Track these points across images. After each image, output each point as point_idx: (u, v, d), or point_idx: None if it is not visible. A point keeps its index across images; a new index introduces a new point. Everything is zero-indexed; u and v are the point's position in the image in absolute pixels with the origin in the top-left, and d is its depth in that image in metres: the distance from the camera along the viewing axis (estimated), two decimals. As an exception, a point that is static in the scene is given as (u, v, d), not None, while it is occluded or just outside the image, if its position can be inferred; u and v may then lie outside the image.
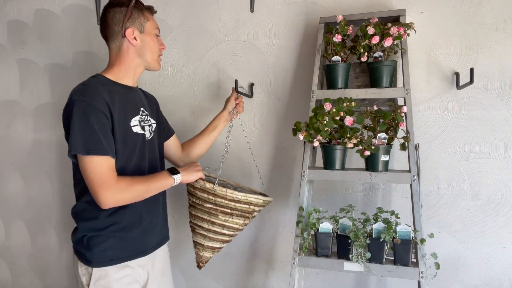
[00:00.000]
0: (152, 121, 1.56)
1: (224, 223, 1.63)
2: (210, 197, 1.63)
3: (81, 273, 1.40)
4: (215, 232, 1.65)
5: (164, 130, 1.68)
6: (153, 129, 1.54)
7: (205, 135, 1.76)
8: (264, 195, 1.75)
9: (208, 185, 1.59)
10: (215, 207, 1.60)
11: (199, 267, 1.72)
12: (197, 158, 1.77)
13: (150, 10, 1.50)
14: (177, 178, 1.44)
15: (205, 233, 1.66)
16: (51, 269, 2.44)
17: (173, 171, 1.45)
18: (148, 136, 1.50)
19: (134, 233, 1.45)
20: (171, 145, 1.73)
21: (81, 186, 1.40)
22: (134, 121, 1.44)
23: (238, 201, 1.56)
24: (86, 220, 1.40)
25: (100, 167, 1.29)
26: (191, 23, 2.09)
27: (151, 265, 1.53)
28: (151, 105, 1.62)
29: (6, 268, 2.55)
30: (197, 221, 1.66)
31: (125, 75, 1.46)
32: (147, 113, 1.53)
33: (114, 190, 1.30)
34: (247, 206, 1.58)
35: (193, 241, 1.71)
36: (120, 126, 1.38)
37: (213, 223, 1.64)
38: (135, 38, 1.42)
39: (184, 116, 2.12)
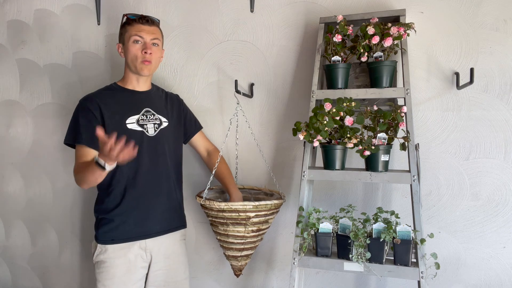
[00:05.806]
0: (163, 119, 1.73)
1: (226, 232, 1.67)
2: (206, 211, 1.68)
3: (92, 246, 1.72)
4: (225, 242, 1.73)
5: (185, 126, 1.87)
6: (160, 127, 1.71)
7: (221, 180, 1.86)
8: (280, 197, 1.77)
9: (198, 199, 1.68)
10: (213, 219, 1.66)
11: (236, 275, 1.82)
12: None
13: (134, 19, 1.66)
14: (105, 165, 1.38)
15: (222, 244, 1.75)
16: (51, 269, 2.44)
17: (98, 161, 1.39)
18: (151, 133, 1.68)
19: (133, 219, 1.65)
20: (195, 142, 1.93)
21: None
22: (131, 119, 1.66)
23: (223, 211, 1.59)
24: (97, 203, 1.71)
25: (76, 154, 1.62)
26: (191, 23, 2.09)
27: (157, 248, 1.71)
28: (169, 104, 1.81)
29: (6, 268, 2.55)
30: (215, 234, 1.77)
31: (127, 81, 1.73)
32: (154, 112, 1.72)
33: (74, 173, 1.60)
34: (236, 214, 1.59)
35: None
36: (112, 123, 1.61)
37: (219, 233, 1.70)
38: (122, 51, 1.69)
39: (184, 116, 2.12)
